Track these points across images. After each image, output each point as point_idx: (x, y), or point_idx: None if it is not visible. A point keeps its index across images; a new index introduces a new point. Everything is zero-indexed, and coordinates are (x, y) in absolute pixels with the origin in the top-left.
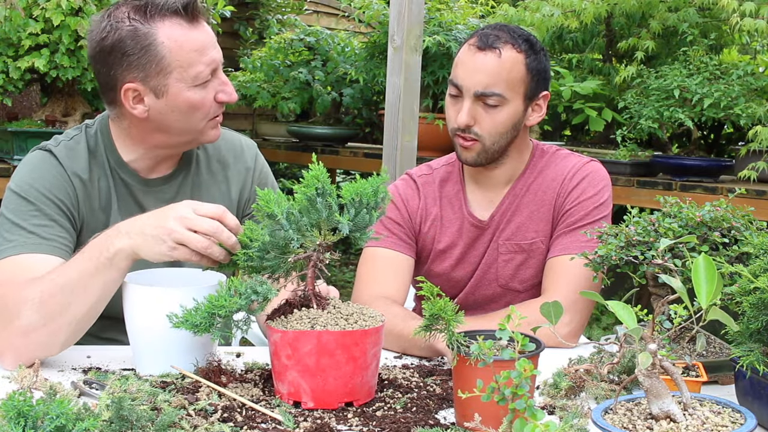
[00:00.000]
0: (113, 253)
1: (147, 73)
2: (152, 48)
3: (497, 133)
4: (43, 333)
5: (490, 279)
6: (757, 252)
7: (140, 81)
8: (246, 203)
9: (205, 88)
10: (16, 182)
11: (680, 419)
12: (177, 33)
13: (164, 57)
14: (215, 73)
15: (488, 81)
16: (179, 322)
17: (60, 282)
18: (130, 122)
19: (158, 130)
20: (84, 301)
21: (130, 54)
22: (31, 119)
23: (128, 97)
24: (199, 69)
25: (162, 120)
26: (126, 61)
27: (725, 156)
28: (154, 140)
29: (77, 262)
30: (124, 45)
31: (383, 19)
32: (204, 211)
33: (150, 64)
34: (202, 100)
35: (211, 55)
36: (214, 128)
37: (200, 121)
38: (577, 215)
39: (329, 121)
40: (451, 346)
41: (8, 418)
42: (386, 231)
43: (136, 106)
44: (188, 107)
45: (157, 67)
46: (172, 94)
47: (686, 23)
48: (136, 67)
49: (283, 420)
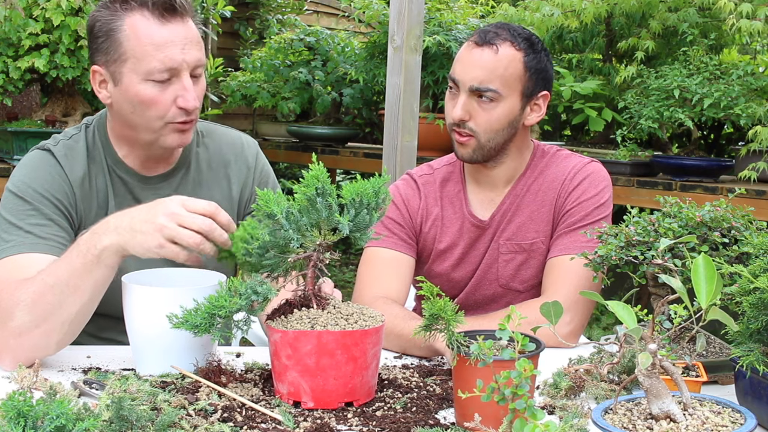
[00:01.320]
0: (100, 251)
1: (108, 58)
2: (113, 33)
3: (492, 130)
4: (37, 334)
5: (491, 279)
6: (757, 252)
7: (103, 65)
8: (247, 202)
9: (162, 88)
10: (13, 182)
11: (680, 419)
12: (140, 24)
13: (122, 44)
14: (178, 76)
15: (484, 76)
16: (179, 322)
17: (50, 282)
18: (109, 113)
19: (123, 123)
20: (75, 300)
21: (97, 36)
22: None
23: (95, 80)
24: (153, 65)
25: (119, 110)
26: (95, 43)
27: (725, 156)
28: (125, 134)
29: (66, 260)
30: (94, 27)
31: (383, 19)
32: (195, 208)
33: (110, 49)
34: (154, 98)
35: (170, 54)
36: (176, 133)
37: (155, 121)
38: (577, 215)
39: (329, 121)
40: (451, 346)
41: (8, 418)
42: (387, 231)
43: (101, 91)
44: (139, 101)
45: (115, 54)
46: (125, 84)
47: (686, 23)
48: (102, 51)
49: (283, 420)
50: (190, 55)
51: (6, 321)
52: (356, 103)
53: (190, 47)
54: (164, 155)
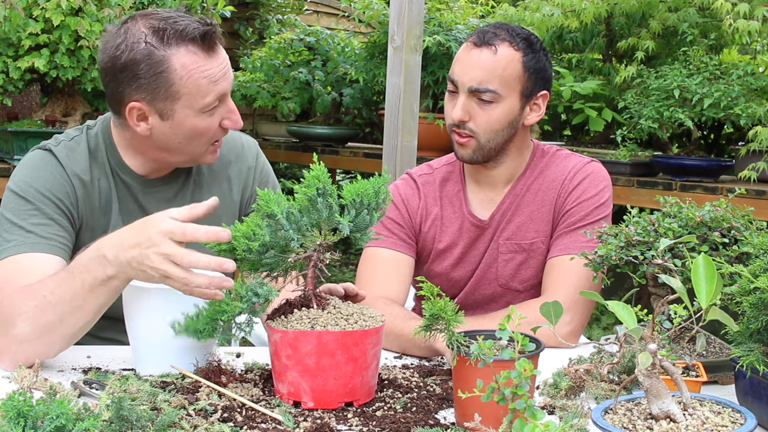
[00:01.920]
0: (108, 278)
1: (155, 96)
2: (164, 74)
3: (492, 130)
4: (38, 344)
5: (490, 279)
6: (757, 252)
7: (147, 102)
8: (247, 202)
9: (212, 116)
10: (15, 182)
11: (680, 419)
12: (191, 62)
13: (174, 84)
14: (223, 100)
15: (483, 77)
16: (182, 329)
17: (52, 301)
18: (133, 135)
19: (159, 149)
20: (78, 319)
21: (141, 77)
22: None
23: (132, 115)
24: (209, 99)
25: (164, 141)
26: (136, 82)
27: (725, 156)
28: (154, 155)
29: (68, 283)
30: (136, 67)
31: (383, 19)
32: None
33: (160, 89)
34: (208, 127)
35: (220, 85)
36: (213, 152)
37: (202, 146)
38: (577, 215)
39: (329, 121)
40: (451, 346)
41: (8, 418)
42: (386, 231)
43: (140, 124)
44: (193, 133)
45: (166, 93)
46: (178, 120)
47: (686, 23)
48: (146, 89)
49: (283, 420)
50: (229, 80)
51: (8, 328)
52: (356, 103)
53: (229, 71)
54: (176, 166)
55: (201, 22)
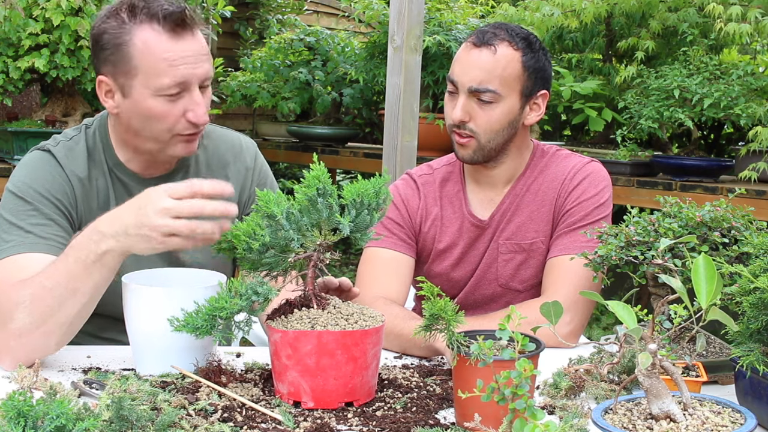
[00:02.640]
0: (102, 254)
1: (116, 70)
2: (123, 47)
3: (492, 130)
4: (37, 335)
5: (490, 279)
6: (757, 252)
7: (111, 76)
8: (246, 203)
9: (173, 102)
10: (13, 182)
11: (680, 419)
12: (152, 39)
13: (133, 58)
14: (188, 90)
15: (482, 77)
16: (180, 325)
17: (48, 285)
18: (113, 119)
19: (129, 131)
20: (75, 303)
21: (105, 47)
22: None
23: (102, 89)
24: (164, 81)
25: (128, 121)
26: (102, 53)
27: (725, 156)
28: (131, 141)
29: (63, 264)
30: (102, 38)
31: (383, 19)
32: (179, 193)
33: (119, 62)
34: (165, 113)
35: (182, 70)
36: (183, 143)
37: (164, 133)
38: (577, 215)
39: (329, 121)
40: (451, 346)
41: (8, 418)
42: (387, 231)
43: (107, 101)
44: (149, 114)
45: (125, 67)
46: (135, 98)
47: (686, 23)
48: (110, 62)
49: (283, 420)
50: (200, 69)
51: (6, 323)
52: (356, 103)
53: (200, 62)
54: (167, 160)
55: (173, 5)
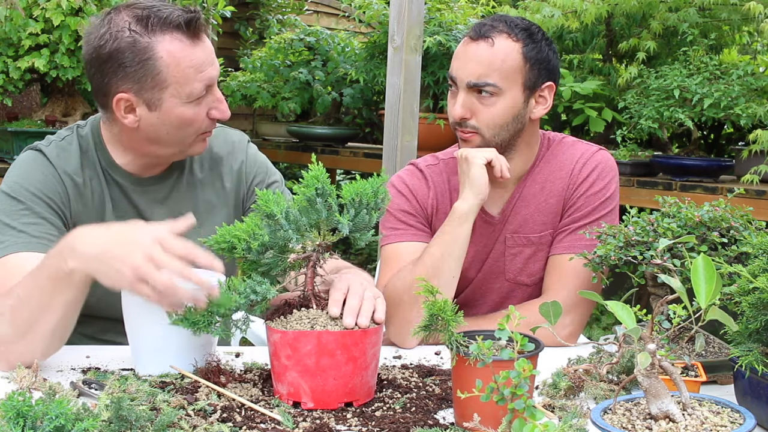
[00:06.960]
0: (69, 272)
1: (142, 85)
2: (150, 62)
3: (496, 125)
4: (20, 345)
5: (498, 273)
6: (756, 252)
7: (134, 92)
8: (245, 197)
9: (199, 105)
10: (6, 183)
11: (679, 419)
12: (176, 49)
13: (161, 72)
14: (210, 90)
15: (480, 71)
16: (178, 319)
17: (24, 297)
18: (121, 129)
19: (148, 141)
20: (49, 318)
21: (127, 66)
22: (31, 119)
23: (120, 107)
24: (195, 86)
25: (153, 132)
26: (122, 71)
27: (725, 156)
28: (143, 149)
29: (36, 278)
30: (121, 56)
31: (383, 19)
32: (174, 249)
33: (146, 77)
34: (195, 116)
35: (207, 73)
36: (202, 141)
37: (191, 136)
38: (584, 210)
39: (329, 121)
40: (450, 347)
41: (7, 418)
42: (400, 224)
43: (127, 116)
44: (180, 122)
45: (153, 82)
46: (166, 109)
47: (686, 23)
48: (132, 79)
49: (282, 420)
50: (216, 68)
51: None
52: (356, 103)
53: (215, 60)
54: (168, 161)
55: (184, 10)
